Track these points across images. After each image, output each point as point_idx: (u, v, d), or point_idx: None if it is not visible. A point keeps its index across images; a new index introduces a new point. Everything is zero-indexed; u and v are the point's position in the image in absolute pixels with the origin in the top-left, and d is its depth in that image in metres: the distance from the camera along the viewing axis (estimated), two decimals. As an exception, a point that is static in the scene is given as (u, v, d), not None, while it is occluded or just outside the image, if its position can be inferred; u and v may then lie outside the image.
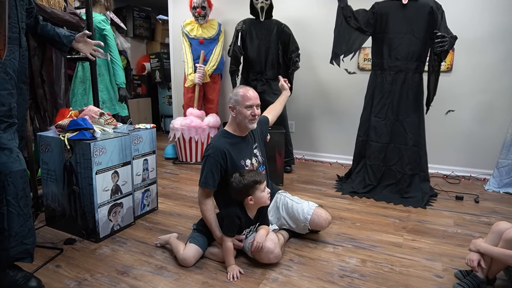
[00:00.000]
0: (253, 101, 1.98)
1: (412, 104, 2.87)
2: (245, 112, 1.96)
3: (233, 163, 1.97)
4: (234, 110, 2.01)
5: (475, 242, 1.72)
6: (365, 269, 1.89)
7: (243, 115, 1.97)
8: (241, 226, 1.89)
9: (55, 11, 2.37)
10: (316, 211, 2.11)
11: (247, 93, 1.99)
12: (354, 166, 3.19)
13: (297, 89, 3.89)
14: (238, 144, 2.04)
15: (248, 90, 2.02)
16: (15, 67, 1.69)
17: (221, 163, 1.94)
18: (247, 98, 1.97)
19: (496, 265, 1.68)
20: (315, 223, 2.10)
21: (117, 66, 3.14)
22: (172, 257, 1.98)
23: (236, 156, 1.99)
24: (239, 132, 2.06)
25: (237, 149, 2.02)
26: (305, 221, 2.09)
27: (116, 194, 2.22)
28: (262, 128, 2.25)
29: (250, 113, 1.97)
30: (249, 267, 1.88)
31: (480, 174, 3.45)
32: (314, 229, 2.16)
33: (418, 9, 2.76)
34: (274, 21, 3.58)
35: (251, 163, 2.06)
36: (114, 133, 2.28)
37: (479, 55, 3.35)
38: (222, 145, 1.96)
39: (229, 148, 1.97)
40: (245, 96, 1.97)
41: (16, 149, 1.61)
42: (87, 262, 1.92)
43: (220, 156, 1.93)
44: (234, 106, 2.01)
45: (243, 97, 1.97)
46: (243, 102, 1.96)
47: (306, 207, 2.12)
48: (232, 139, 2.02)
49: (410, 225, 2.43)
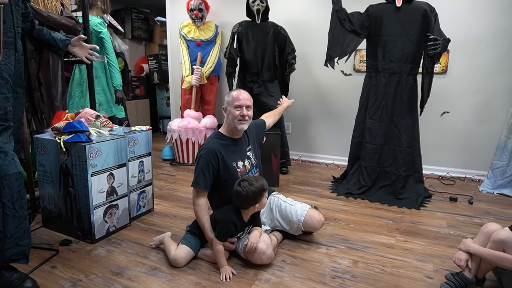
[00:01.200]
0: (242, 102, 2.02)
1: (406, 106, 2.89)
2: (234, 112, 2.01)
3: (224, 164, 2.00)
4: (226, 111, 2.07)
5: (465, 242, 1.75)
6: (357, 270, 1.91)
7: (232, 115, 2.02)
8: (235, 232, 1.91)
9: (52, 15, 2.39)
10: (309, 212, 2.13)
11: (239, 95, 2.04)
12: (349, 168, 3.21)
13: (294, 91, 3.91)
14: (231, 145, 2.07)
15: (241, 92, 2.07)
16: (11, 71, 1.72)
17: (213, 164, 1.97)
18: (237, 99, 2.02)
19: (485, 265, 1.71)
20: (308, 225, 2.12)
21: (113, 68, 3.17)
22: (166, 258, 2.00)
23: (228, 157, 2.02)
24: (232, 134, 2.09)
25: (229, 150, 2.05)
26: (298, 222, 2.11)
27: (112, 196, 2.25)
28: (258, 131, 2.29)
29: (239, 114, 2.01)
30: (241, 268, 1.90)
31: (475, 175, 3.48)
32: (307, 230, 2.18)
33: (412, 12, 2.78)
34: (270, 23, 3.61)
35: (243, 165, 2.09)
36: (109, 135, 2.30)
37: (473, 56, 3.38)
38: (214, 146, 2.00)
39: (221, 149, 2.00)
40: (236, 97, 2.03)
41: (11, 152, 1.64)
42: (82, 263, 1.94)
43: (212, 157, 1.97)
44: (226, 107, 2.07)
45: (233, 98, 2.03)
46: (233, 102, 2.02)
47: (299, 208, 2.14)
48: (224, 141, 2.06)
49: (403, 226, 2.45)
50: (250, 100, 2.07)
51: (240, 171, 2.06)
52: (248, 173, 2.12)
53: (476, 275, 1.73)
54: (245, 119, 2.02)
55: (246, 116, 2.02)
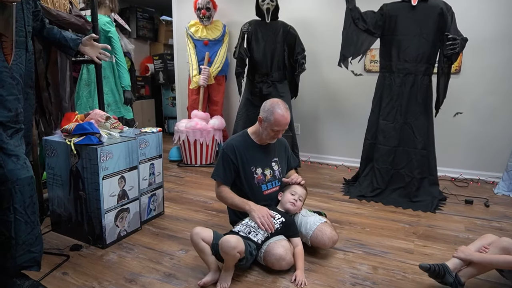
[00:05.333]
0: (282, 127, 1.98)
1: (421, 107, 2.83)
2: (270, 132, 1.98)
3: (243, 165, 1.99)
4: (262, 123, 2.00)
5: (464, 251, 1.70)
6: (377, 277, 1.85)
7: (267, 133, 1.99)
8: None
9: (61, 14, 2.34)
10: (321, 227, 1.97)
11: (282, 121, 1.94)
12: (361, 169, 3.15)
13: (303, 91, 3.85)
14: (255, 150, 2.04)
15: (285, 117, 1.95)
16: (22, 71, 1.66)
17: (232, 159, 1.98)
18: (278, 124, 1.94)
19: (477, 270, 1.67)
20: (318, 240, 1.95)
21: (122, 68, 3.11)
22: (179, 264, 1.95)
23: (247, 159, 2.00)
24: (259, 140, 2.06)
25: (252, 154, 2.02)
26: (307, 235, 1.98)
27: (123, 199, 2.19)
28: (287, 152, 2.25)
29: (274, 135, 2.00)
30: (259, 275, 1.84)
31: (488, 177, 3.41)
32: (316, 246, 2.00)
33: (427, 10, 2.72)
34: (280, 23, 3.55)
35: (262, 173, 2.04)
36: (120, 137, 2.24)
37: (487, 56, 3.31)
38: (235, 143, 2.02)
39: (243, 149, 2.01)
40: (278, 122, 1.94)
41: (23, 156, 1.58)
42: (94, 269, 1.89)
43: (231, 151, 1.99)
44: (264, 121, 1.98)
45: (275, 121, 1.93)
46: (273, 126, 1.95)
47: (311, 221, 2.00)
48: (250, 143, 2.05)
49: (421, 230, 2.39)
50: (288, 124, 2.00)
51: (257, 178, 2.02)
52: (267, 183, 2.06)
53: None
54: (276, 137, 2.03)
55: (277, 136, 2.03)
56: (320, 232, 1.96)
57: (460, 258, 1.69)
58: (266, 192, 2.06)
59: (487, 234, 1.78)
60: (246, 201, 1.94)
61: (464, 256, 1.69)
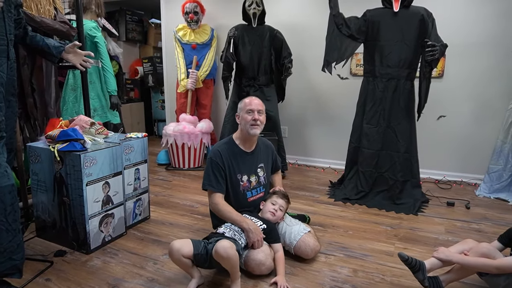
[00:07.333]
0: (254, 106, 2.04)
1: (404, 111, 2.89)
2: (246, 117, 2.03)
3: (230, 173, 2.01)
4: (239, 117, 2.08)
5: (444, 252, 1.71)
6: (357, 280, 1.89)
7: (245, 120, 2.03)
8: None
9: (45, 20, 2.35)
10: (304, 238, 2.00)
11: (251, 101, 2.07)
12: (346, 172, 3.20)
13: (290, 94, 3.90)
14: (241, 157, 2.07)
15: (253, 98, 2.10)
16: (3, 80, 1.67)
17: (221, 165, 1.99)
18: (249, 104, 2.05)
19: (457, 275, 1.71)
20: (301, 251, 2.00)
21: (108, 73, 3.12)
22: (163, 268, 1.97)
23: (234, 167, 2.02)
24: (244, 145, 2.09)
25: (238, 161, 2.05)
26: (290, 245, 2.02)
27: (107, 205, 2.21)
28: (273, 156, 2.28)
29: (251, 118, 2.02)
30: (240, 279, 1.87)
31: (471, 179, 3.48)
32: (299, 255, 2.02)
33: (409, 17, 2.78)
34: (267, 27, 3.58)
35: (248, 180, 2.07)
36: (105, 143, 2.26)
37: (470, 61, 3.38)
38: (222, 150, 2.04)
39: (229, 156, 2.03)
40: (248, 102, 2.07)
41: (4, 164, 1.59)
42: (77, 275, 1.90)
43: (218, 158, 2.00)
44: (239, 113, 2.09)
45: (245, 104, 2.06)
46: (245, 108, 2.04)
47: (296, 230, 2.03)
48: (235, 149, 2.07)
49: (402, 233, 2.44)
50: (262, 106, 2.08)
51: (243, 185, 2.04)
52: (252, 190, 2.09)
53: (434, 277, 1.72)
54: (257, 123, 2.03)
55: (258, 121, 2.03)
56: (304, 243, 1.99)
57: (439, 258, 1.70)
58: (251, 199, 2.09)
59: (467, 239, 1.79)
60: (244, 218, 1.91)
61: (444, 256, 1.69)
